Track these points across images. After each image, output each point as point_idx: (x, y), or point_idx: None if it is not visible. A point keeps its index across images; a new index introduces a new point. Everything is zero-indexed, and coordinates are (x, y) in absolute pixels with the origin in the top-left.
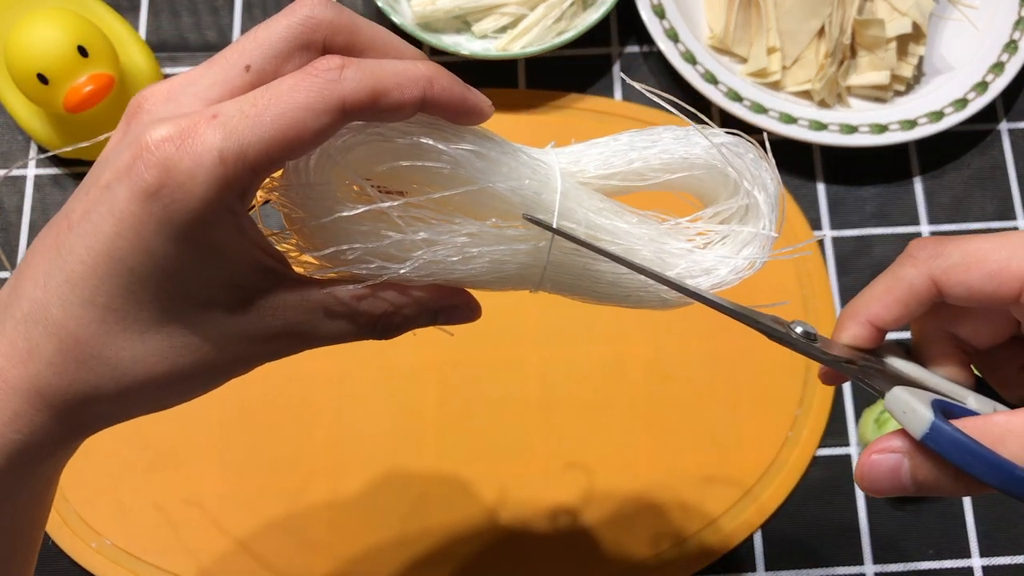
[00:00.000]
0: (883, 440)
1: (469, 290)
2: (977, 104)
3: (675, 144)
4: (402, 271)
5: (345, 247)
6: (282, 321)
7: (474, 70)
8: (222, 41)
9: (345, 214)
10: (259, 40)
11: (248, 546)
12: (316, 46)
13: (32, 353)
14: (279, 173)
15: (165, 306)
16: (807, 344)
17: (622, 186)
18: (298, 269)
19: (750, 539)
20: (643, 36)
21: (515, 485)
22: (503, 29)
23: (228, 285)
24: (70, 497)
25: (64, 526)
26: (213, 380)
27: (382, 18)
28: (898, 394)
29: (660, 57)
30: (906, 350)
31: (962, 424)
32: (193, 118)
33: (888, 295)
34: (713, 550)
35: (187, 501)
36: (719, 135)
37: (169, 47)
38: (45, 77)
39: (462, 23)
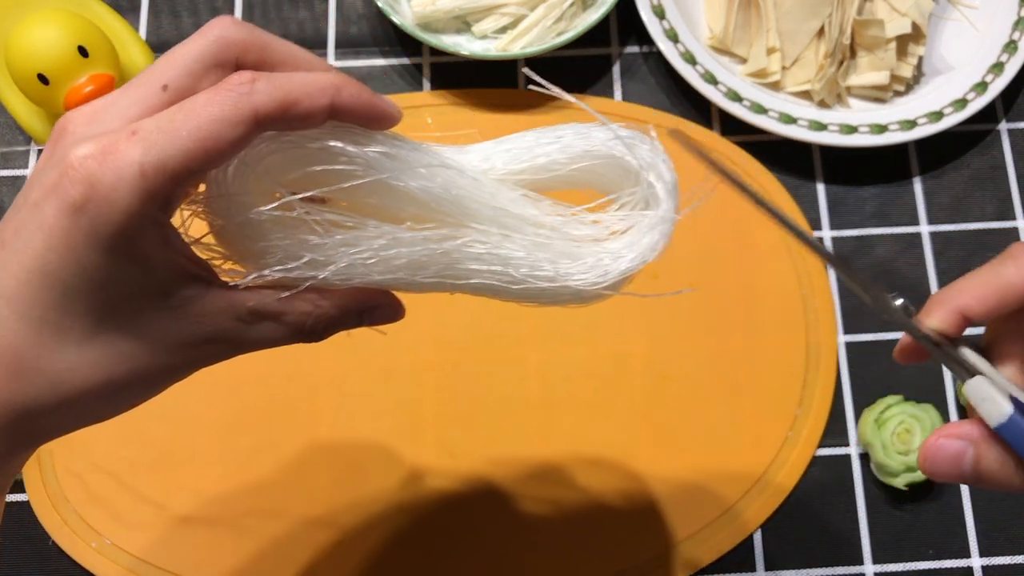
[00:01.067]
0: (953, 426)
1: (394, 292)
2: (977, 104)
3: (577, 139)
4: (322, 275)
5: (266, 253)
6: (211, 328)
7: (474, 70)
8: None
9: (260, 209)
10: (175, 60)
11: (248, 546)
12: (229, 64)
13: None
14: (203, 188)
15: (98, 317)
16: (905, 318)
17: (532, 180)
18: (226, 279)
19: (750, 539)
20: (643, 36)
21: (515, 485)
22: (503, 29)
23: (157, 294)
24: (70, 497)
25: (64, 526)
26: (151, 387)
27: (382, 18)
28: (980, 382)
29: (660, 57)
30: (975, 347)
31: None
32: (114, 136)
33: (983, 288)
34: (713, 550)
35: (187, 501)
36: (619, 129)
37: (169, 47)
38: (46, 77)
39: (462, 23)
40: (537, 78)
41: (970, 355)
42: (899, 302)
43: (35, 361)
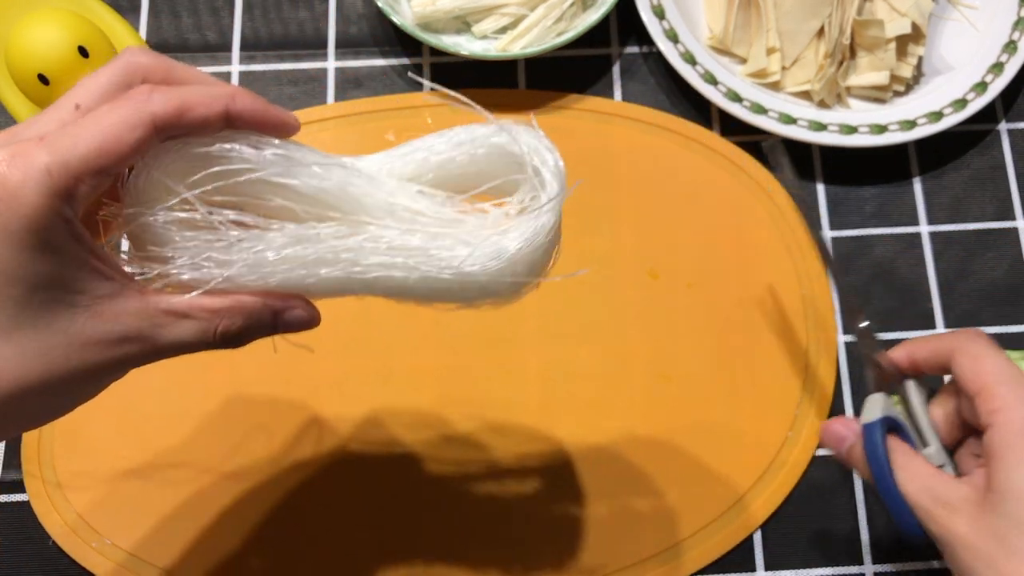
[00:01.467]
0: (851, 419)
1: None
2: (976, 104)
3: (465, 134)
4: (227, 274)
5: (174, 256)
6: (123, 327)
7: (474, 70)
8: (222, 42)
9: (161, 208)
10: (87, 84)
11: (250, 546)
12: (136, 85)
13: None
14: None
15: (13, 313)
16: (861, 333)
17: (431, 180)
18: (142, 281)
19: (750, 539)
20: (643, 37)
21: (514, 485)
22: (503, 30)
23: (69, 290)
24: (70, 497)
25: (64, 526)
26: (74, 390)
27: (382, 18)
28: (874, 396)
29: (660, 58)
30: (928, 387)
31: (897, 444)
32: (24, 143)
33: (928, 344)
34: (713, 550)
35: (188, 501)
36: (503, 122)
37: (169, 48)
38: (46, 78)
39: (462, 23)
40: (427, 83)
41: (914, 388)
42: (865, 323)
43: None
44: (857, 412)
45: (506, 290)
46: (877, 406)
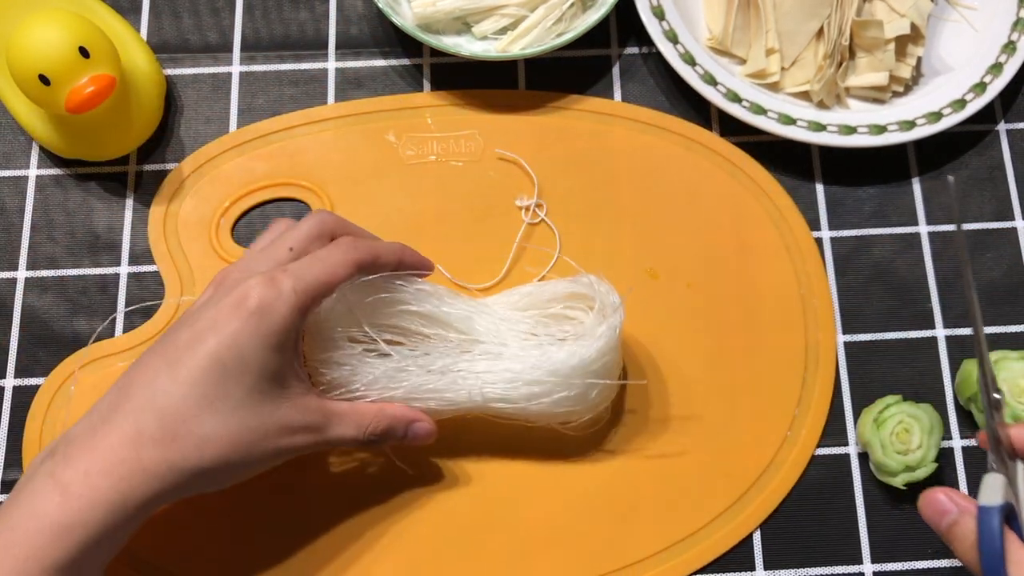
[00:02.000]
0: (957, 492)
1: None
2: (975, 105)
3: (552, 283)
4: (377, 389)
5: (342, 363)
6: (307, 419)
7: (474, 71)
8: (223, 42)
9: (339, 329)
10: (295, 233)
11: (251, 547)
12: (327, 236)
13: (140, 433)
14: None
15: (241, 395)
16: (991, 406)
17: (528, 311)
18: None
19: (749, 538)
20: (642, 37)
21: (509, 485)
22: (503, 30)
23: (281, 384)
24: None
25: None
26: (255, 464)
27: (383, 19)
28: (997, 477)
29: (659, 58)
30: None
31: (1009, 533)
32: (274, 272)
33: None
34: (712, 549)
35: (189, 500)
36: (581, 275)
37: (170, 48)
38: (47, 78)
39: (462, 24)
40: None
41: (1021, 469)
42: (997, 396)
43: (190, 424)
44: (856, 413)
45: (580, 390)
46: (998, 490)
